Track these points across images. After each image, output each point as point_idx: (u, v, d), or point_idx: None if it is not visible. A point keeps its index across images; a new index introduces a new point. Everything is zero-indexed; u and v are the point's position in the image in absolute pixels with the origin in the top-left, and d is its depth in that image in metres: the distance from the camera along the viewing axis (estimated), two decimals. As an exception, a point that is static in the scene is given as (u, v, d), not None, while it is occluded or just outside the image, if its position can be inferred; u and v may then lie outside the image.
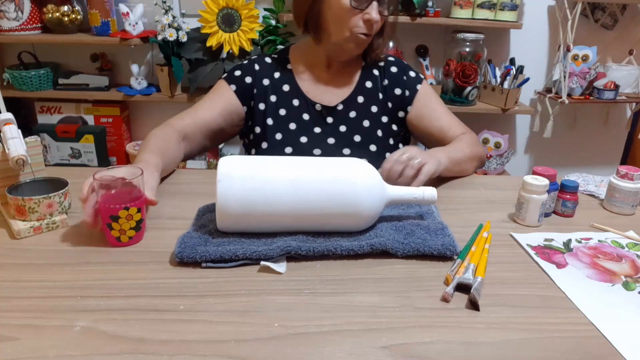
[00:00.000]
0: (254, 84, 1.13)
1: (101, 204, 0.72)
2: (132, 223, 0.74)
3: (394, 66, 1.18)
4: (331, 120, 1.14)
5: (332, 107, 1.14)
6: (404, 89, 1.16)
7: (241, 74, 1.14)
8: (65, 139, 2.23)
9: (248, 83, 1.13)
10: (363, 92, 1.15)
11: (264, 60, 1.17)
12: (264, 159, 0.77)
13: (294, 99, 1.13)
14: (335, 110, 1.14)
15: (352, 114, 1.14)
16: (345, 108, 1.14)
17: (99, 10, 2.05)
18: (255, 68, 1.14)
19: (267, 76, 1.14)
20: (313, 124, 1.13)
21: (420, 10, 2.08)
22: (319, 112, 1.13)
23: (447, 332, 0.58)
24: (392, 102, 1.16)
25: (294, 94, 1.14)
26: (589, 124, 2.56)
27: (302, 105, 1.13)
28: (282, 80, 1.14)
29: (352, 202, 0.74)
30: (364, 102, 1.15)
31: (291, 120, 1.12)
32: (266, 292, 0.65)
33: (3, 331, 0.56)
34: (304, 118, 1.13)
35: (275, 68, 1.16)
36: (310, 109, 1.13)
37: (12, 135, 0.79)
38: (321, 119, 1.14)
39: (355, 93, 1.15)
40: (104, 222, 0.74)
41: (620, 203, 0.93)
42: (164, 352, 0.54)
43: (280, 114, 1.13)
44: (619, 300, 0.66)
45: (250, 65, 1.15)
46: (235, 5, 2.00)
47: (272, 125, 1.12)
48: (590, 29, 2.34)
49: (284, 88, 1.14)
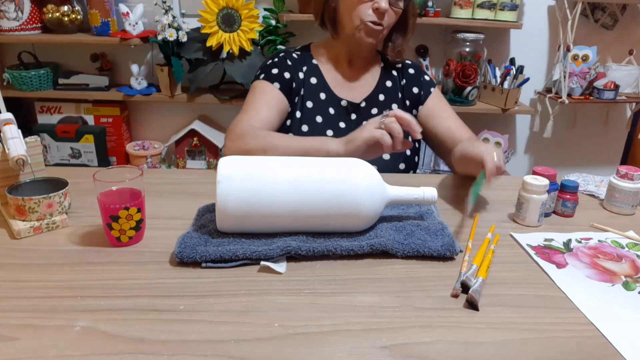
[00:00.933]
0: (293, 78, 1.15)
1: (101, 204, 0.72)
2: (132, 223, 0.74)
3: (411, 68, 1.24)
4: (355, 117, 1.17)
5: (356, 103, 1.17)
6: (420, 89, 1.21)
7: (279, 71, 1.14)
8: (65, 139, 2.23)
9: (287, 78, 1.14)
10: (384, 91, 1.20)
11: (292, 55, 1.18)
12: (263, 160, 0.77)
13: (320, 93, 1.17)
14: (359, 107, 1.18)
15: (374, 110, 1.18)
16: (367, 105, 1.18)
17: (99, 10, 2.05)
18: (288, 63, 1.16)
19: (300, 70, 1.17)
20: (338, 118, 1.16)
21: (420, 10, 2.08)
22: (345, 107, 1.17)
23: (447, 332, 0.58)
24: (409, 100, 1.21)
25: (320, 88, 1.17)
26: (589, 124, 2.56)
27: (328, 99, 1.16)
28: (309, 74, 1.17)
29: (352, 202, 0.74)
30: (384, 99, 1.19)
31: (318, 114, 1.15)
32: (266, 292, 0.65)
33: (3, 331, 0.56)
34: (330, 112, 1.16)
35: (303, 62, 1.18)
36: (336, 104, 1.17)
37: (12, 135, 0.79)
38: (346, 114, 1.17)
39: (376, 91, 1.20)
40: (104, 222, 0.74)
41: (620, 203, 0.93)
42: (164, 352, 0.54)
43: (307, 106, 1.15)
44: (619, 300, 0.66)
45: (283, 61, 1.16)
46: (235, 5, 2.00)
47: (299, 117, 1.14)
48: (590, 29, 2.34)
49: (311, 81, 1.17)
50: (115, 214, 0.72)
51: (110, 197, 0.73)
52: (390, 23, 1.10)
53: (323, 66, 1.19)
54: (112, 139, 2.32)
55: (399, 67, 1.23)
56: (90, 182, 0.98)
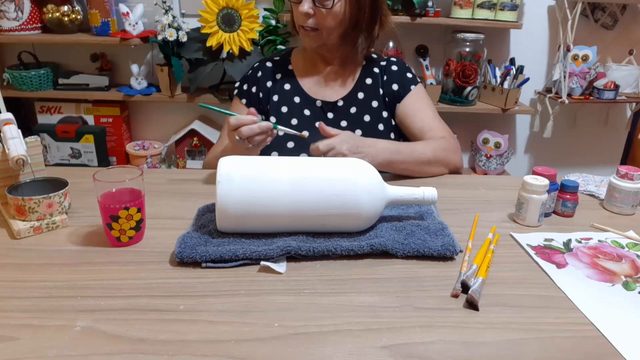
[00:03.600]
0: (259, 90, 1.19)
1: (101, 204, 0.72)
2: (132, 223, 0.74)
3: (395, 65, 1.21)
4: (332, 116, 1.17)
5: (332, 102, 1.17)
6: (400, 86, 1.19)
7: (248, 86, 1.20)
8: (65, 139, 2.23)
9: (254, 92, 1.19)
10: (363, 89, 1.19)
11: (265, 65, 1.22)
12: (263, 160, 0.77)
13: (295, 97, 1.18)
14: (336, 106, 1.17)
15: (352, 109, 1.17)
16: (345, 104, 1.17)
17: (99, 10, 2.05)
18: (257, 76, 1.20)
19: (270, 79, 1.20)
20: (314, 119, 1.16)
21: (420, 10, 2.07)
22: (320, 107, 1.17)
23: (447, 332, 0.58)
24: (389, 97, 1.19)
25: (294, 92, 1.18)
26: (589, 124, 2.55)
27: (302, 102, 1.17)
28: (283, 80, 1.19)
29: (352, 202, 0.74)
30: (364, 97, 1.18)
31: (293, 116, 1.16)
32: (266, 292, 0.65)
33: (3, 331, 0.56)
34: (305, 114, 1.17)
35: (277, 70, 1.20)
36: (311, 105, 1.17)
37: (12, 135, 0.79)
38: (322, 114, 1.17)
39: (355, 90, 1.19)
40: (104, 222, 0.74)
41: (620, 203, 0.93)
42: (164, 352, 0.54)
43: (282, 111, 1.17)
44: (619, 300, 0.66)
45: (254, 74, 1.21)
46: (235, 5, 2.00)
47: (274, 122, 1.15)
48: (590, 29, 2.34)
49: (285, 87, 1.19)
50: (115, 214, 0.72)
51: (110, 197, 0.73)
52: (327, 25, 1.06)
53: (299, 70, 1.20)
54: (112, 139, 2.32)
55: (383, 64, 1.21)
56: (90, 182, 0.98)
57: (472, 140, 2.49)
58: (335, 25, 1.07)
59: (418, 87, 1.20)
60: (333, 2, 1.04)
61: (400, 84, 1.19)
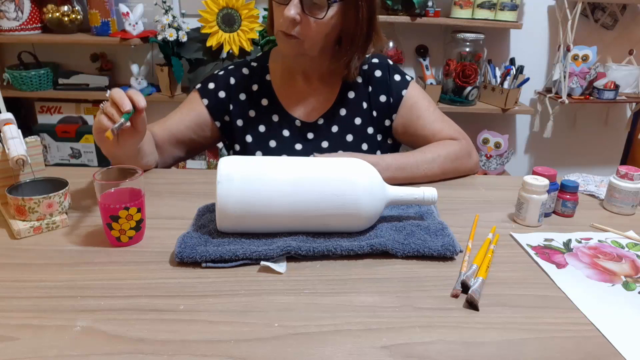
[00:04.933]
0: (230, 100, 1.08)
1: (101, 204, 0.72)
2: (132, 223, 0.74)
3: (378, 70, 1.08)
4: (312, 136, 1.07)
5: (311, 122, 1.07)
6: (389, 95, 1.07)
7: (215, 87, 1.08)
8: (65, 139, 2.23)
9: (222, 98, 1.07)
10: (345, 104, 1.07)
11: (241, 71, 1.10)
12: (263, 160, 0.77)
13: (273, 115, 1.07)
14: (316, 125, 1.07)
15: (334, 128, 1.07)
16: (326, 122, 1.07)
17: (99, 10, 2.05)
18: (230, 82, 1.08)
19: (244, 90, 1.08)
20: (294, 140, 1.07)
21: (420, 10, 2.08)
22: (299, 127, 1.07)
23: (447, 332, 0.58)
24: (377, 110, 1.08)
25: (273, 109, 1.07)
26: (589, 124, 2.56)
27: (282, 120, 1.07)
28: (260, 94, 1.08)
29: (352, 202, 0.74)
30: (346, 114, 1.07)
31: (271, 137, 1.07)
32: (266, 292, 0.65)
33: (3, 331, 0.56)
34: (284, 135, 1.07)
35: (253, 80, 1.09)
36: (291, 125, 1.07)
37: (12, 135, 0.79)
38: (301, 135, 1.07)
39: (336, 105, 1.07)
40: (104, 222, 0.74)
41: (620, 203, 0.93)
42: (164, 352, 0.54)
43: (259, 130, 1.07)
44: (619, 300, 0.66)
45: (226, 78, 1.09)
46: (235, 5, 2.00)
47: (251, 142, 1.07)
48: (590, 29, 2.34)
49: (262, 102, 1.08)
50: (115, 214, 0.72)
51: (110, 197, 0.73)
52: (311, 35, 0.94)
53: (276, 81, 1.08)
54: (112, 139, 2.32)
55: (365, 68, 1.08)
56: (90, 182, 0.98)
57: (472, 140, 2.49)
58: (321, 37, 0.95)
59: (410, 89, 1.08)
60: (326, 13, 0.92)
61: (388, 93, 1.07)
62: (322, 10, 0.92)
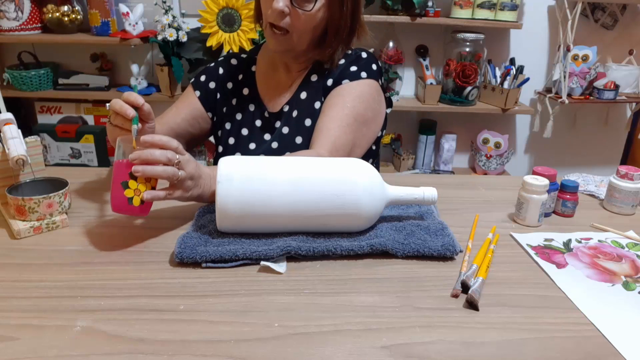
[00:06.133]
0: (217, 89, 1.11)
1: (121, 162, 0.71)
2: (148, 186, 0.73)
3: (345, 58, 1.05)
4: (279, 124, 1.07)
5: (277, 111, 1.07)
6: (334, 81, 1.03)
7: (206, 79, 1.12)
8: (65, 139, 2.23)
9: (212, 88, 1.11)
10: (307, 87, 1.05)
11: (230, 62, 1.14)
12: (263, 160, 0.77)
13: (250, 104, 1.10)
14: (282, 112, 1.07)
15: (294, 112, 1.05)
16: (290, 108, 1.06)
17: (99, 10, 2.05)
18: (219, 72, 1.12)
19: (231, 79, 1.12)
20: (262, 130, 1.09)
21: (420, 10, 2.08)
22: (267, 118, 1.08)
23: (447, 332, 0.58)
24: (325, 95, 1.04)
25: (251, 99, 1.10)
26: (589, 124, 2.56)
27: (256, 110, 1.09)
28: (244, 84, 1.11)
29: (352, 202, 0.74)
30: (306, 98, 1.05)
31: (244, 126, 1.09)
32: (266, 292, 0.65)
33: (3, 331, 0.56)
34: (257, 124, 1.09)
35: (240, 70, 1.12)
36: (262, 115, 1.09)
37: (12, 135, 0.79)
38: (269, 125, 1.08)
39: (300, 89, 1.06)
40: (119, 181, 0.71)
41: (620, 203, 0.93)
42: (164, 352, 0.54)
43: (237, 118, 1.10)
44: (619, 300, 0.66)
45: (215, 68, 1.13)
46: (235, 5, 2.00)
47: (228, 129, 1.11)
48: (590, 29, 2.34)
49: (244, 91, 1.11)
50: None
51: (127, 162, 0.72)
52: (300, 27, 0.95)
53: (260, 73, 1.11)
54: (112, 139, 2.32)
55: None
56: (90, 182, 0.98)
57: (472, 140, 2.49)
58: (309, 30, 0.96)
59: (354, 83, 1.01)
60: (314, 5, 0.93)
61: (334, 78, 1.03)
62: (310, 3, 0.93)
